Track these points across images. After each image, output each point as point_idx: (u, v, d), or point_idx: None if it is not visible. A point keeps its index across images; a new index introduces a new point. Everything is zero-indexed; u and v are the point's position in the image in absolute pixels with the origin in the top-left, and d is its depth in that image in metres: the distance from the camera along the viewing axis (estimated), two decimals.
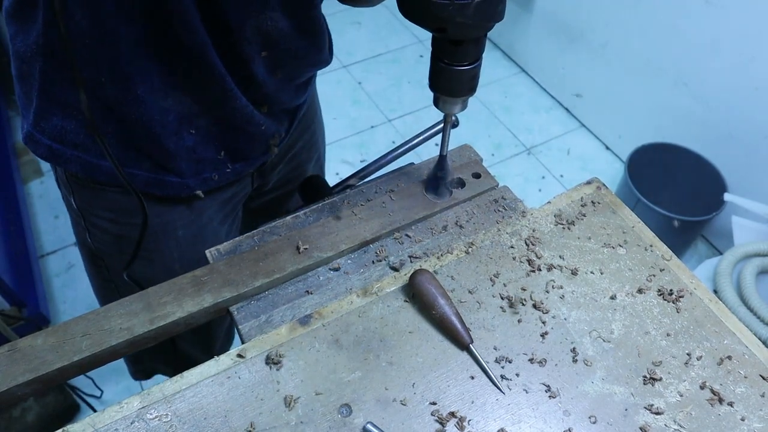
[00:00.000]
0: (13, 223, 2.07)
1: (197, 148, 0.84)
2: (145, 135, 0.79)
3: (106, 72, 0.72)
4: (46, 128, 0.79)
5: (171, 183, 0.85)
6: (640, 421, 0.65)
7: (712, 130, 2.07)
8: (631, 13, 2.19)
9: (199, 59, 0.73)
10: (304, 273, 0.79)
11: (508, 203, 0.87)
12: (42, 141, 0.81)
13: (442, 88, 0.72)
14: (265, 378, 0.67)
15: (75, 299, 2.06)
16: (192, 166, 0.85)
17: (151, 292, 0.75)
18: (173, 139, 0.80)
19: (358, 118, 2.70)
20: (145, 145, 0.80)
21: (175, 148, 0.81)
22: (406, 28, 3.12)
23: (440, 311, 0.70)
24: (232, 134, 0.85)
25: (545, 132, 2.67)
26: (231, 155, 0.89)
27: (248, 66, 0.78)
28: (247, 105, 0.81)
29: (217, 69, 0.74)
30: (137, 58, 0.71)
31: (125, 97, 0.74)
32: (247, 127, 0.85)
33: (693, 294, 0.76)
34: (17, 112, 2.63)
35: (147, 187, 0.85)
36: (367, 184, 0.92)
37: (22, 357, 0.68)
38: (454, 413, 0.64)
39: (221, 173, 0.89)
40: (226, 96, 0.78)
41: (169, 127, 0.79)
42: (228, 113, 0.81)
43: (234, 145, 0.87)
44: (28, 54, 0.74)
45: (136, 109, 0.75)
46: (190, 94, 0.77)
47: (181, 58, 0.73)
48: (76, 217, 0.95)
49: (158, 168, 0.83)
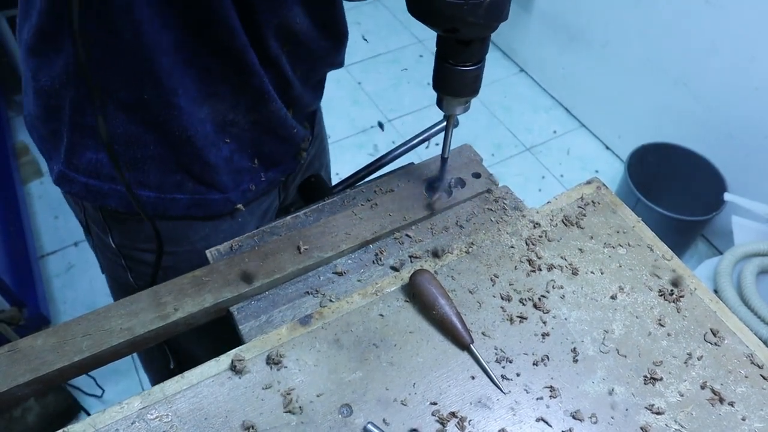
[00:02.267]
0: (13, 223, 2.07)
1: (234, 156, 0.82)
2: (188, 151, 0.77)
3: (149, 88, 0.69)
4: (80, 164, 0.77)
5: (214, 201, 0.83)
6: (641, 421, 0.65)
7: (712, 130, 2.07)
8: (631, 13, 2.19)
9: (238, 60, 0.71)
10: (305, 273, 0.79)
11: (508, 203, 0.87)
12: (77, 179, 0.78)
13: (447, 89, 0.71)
14: (266, 378, 0.67)
15: (75, 299, 2.06)
16: (231, 178, 0.84)
17: (151, 292, 0.75)
18: (213, 151, 0.79)
19: (358, 118, 2.70)
20: (187, 163, 0.78)
21: (215, 160, 0.80)
22: (406, 28, 3.12)
23: (440, 311, 0.70)
24: (265, 139, 0.84)
25: (545, 132, 2.67)
26: (264, 163, 0.87)
27: (279, 64, 0.76)
28: (282, 107, 0.80)
29: (255, 69, 0.73)
30: (176, 67, 0.69)
31: (169, 112, 0.72)
32: (280, 130, 0.83)
33: (693, 294, 0.76)
34: (18, 113, 2.62)
35: (188, 210, 0.82)
36: (367, 184, 0.92)
37: (23, 357, 0.68)
38: (455, 413, 0.64)
39: (257, 182, 0.88)
40: (263, 98, 0.77)
41: (208, 138, 0.77)
42: (263, 117, 0.80)
43: (267, 151, 0.86)
44: (56, 86, 0.71)
45: (178, 123, 0.73)
46: (227, 100, 0.76)
47: (219, 61, 0.71)
48: (113, 256, 0.91)
49: (201, 187, 0.81)
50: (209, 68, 0.71)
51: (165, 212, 0.82)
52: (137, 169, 0.77)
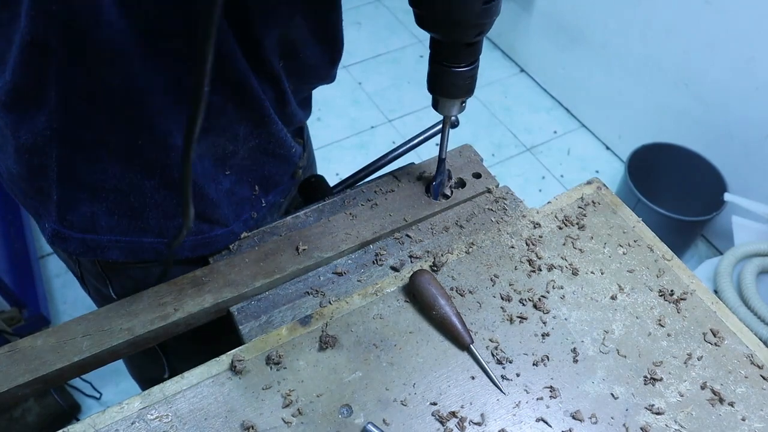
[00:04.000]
0: (13, 223, 2.07)
1: (234, 188, 0.79)
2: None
3: (144, 133, 0.65)
4: (74, 220, 0.72)
5: (218, 237, 0.81)
6: (641, 421, 0.65)
7: (712, 130, 2.07)
8: (631, 13, 2.19)
9: (237, 87, 0.67)
10: (305, 273, 0.79)
11: (509, 203, 0.87)
12: (72, 236, 0.73)
13: (443, 91, 0.71)
14: (266, 378, 0.67)
15: (75, 300, 2.06)
16: (233, 210, 0.81)
17: (151, 292, 0.75)
18: (213, 186, 0.75)
19: (358, 118, 2.70)
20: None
21: (216, 195, 0.76)
22: (406, 28, 3.12)
23: (440, 311, 0.70)
24: (264, 161, 0.81)
25: (545, 132, 2.67)
26: (264, 188, 0.85)
27: (279, 82, 0.73)
28: (282, 128, 0.77)
29: (255, 93, 0.69)
30: (169, 107, 0.64)
31: (167, 155, 0.68)
32: (279, 151, 0.81)
33: (693, 294, 0.76)
34: None
35: (194, 251, 0.80)
36: (367, 184, 0.92)
37: (23, 357, 0.68)
38: (455, 413, 0.64)
39: (258, 210, 0.85)
40: (263, 121, 0.74)
41: (207, 174, 0.74)
42: (263, 141, 0.77)
43: (267, 173, 0.83)
44: (39, 143, 0.65)
45: (177, 165, 0.69)
46: (226, 131, 0.72)
47: (216, 94, 0.67)
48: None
49: (204, 226, 0.78)
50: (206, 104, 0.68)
51: (171, 257, 0.78)
52: (137, 217, 0.74)
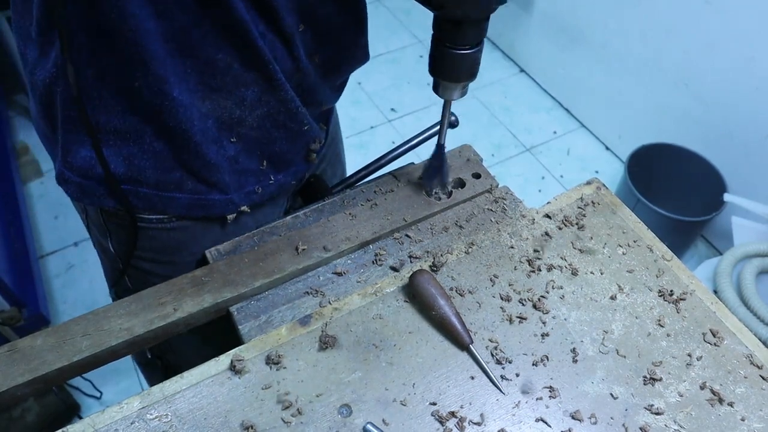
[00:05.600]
0: (13, 223, 2.07)
1: (239, 157, 0.78)
2: (185, 146, 0.73)
3: (140, 75, 0.66)
4: (74, 163, 0.74)
5: (214, 202, 0.80)
6: (641, 421, 0.65)
7: (712, 130, 2.07)
8: (631, 14, 2.19)
9: (241, 45, 0.67)
10: (304, 273, 0.79)
11: (508, 203, 0.87)
12: (72, 179, 0.75)
13: (443, 73, 0.70)
14: (265, 378, 0.67)
15: (75, 299, 2.06)
16: (235, 178, 0.80)
17: (150, 292, 0.75)
18: (213, 149, 0.75)
19: (357, 118, 2.70)
20: (185, 159, 0.75)
21: (217, 159, 0.76)
22: (406, 28, 3.12)
23: (440, 311, 0.70)
24: (274, 135, 0.80)
25: (545, 132, 2.67)
26: (273, 165, 0.83)
27: (291, 45, 0.72)
28: (294, 97, 0.76)
29: (262, 53, 0.68)
30: (168, 55, 0.65)
31: (162, 102, 0.68)
32: (291, 124, 0.79)
33: (693, 294, 0.76)
34: (17, 112, 2.63)
35: (189, 210, 0.80)
36: (367, 184, 0.92)
37: (22, 357, 0.68)
38: (455, 413, 0.64)
39: (264, 185, 0.84)
40: (272, 87, 0.73)
41: (208, 134, 0.73)
42: (273, 109, 0.76)
43: (277, 150, 0.82)
44: (47, 81, 0.68)
45: (174, 115, 0.69)
46: (232, 94, 0.72)
47: (219, 50, 0.67)
48: (112, 262, 0.88)
49: (201, 186, 0.78)
50: (208, 58, 0.68)
51: (164, 210, 0.79)
52: (134, 165, 0.74)
